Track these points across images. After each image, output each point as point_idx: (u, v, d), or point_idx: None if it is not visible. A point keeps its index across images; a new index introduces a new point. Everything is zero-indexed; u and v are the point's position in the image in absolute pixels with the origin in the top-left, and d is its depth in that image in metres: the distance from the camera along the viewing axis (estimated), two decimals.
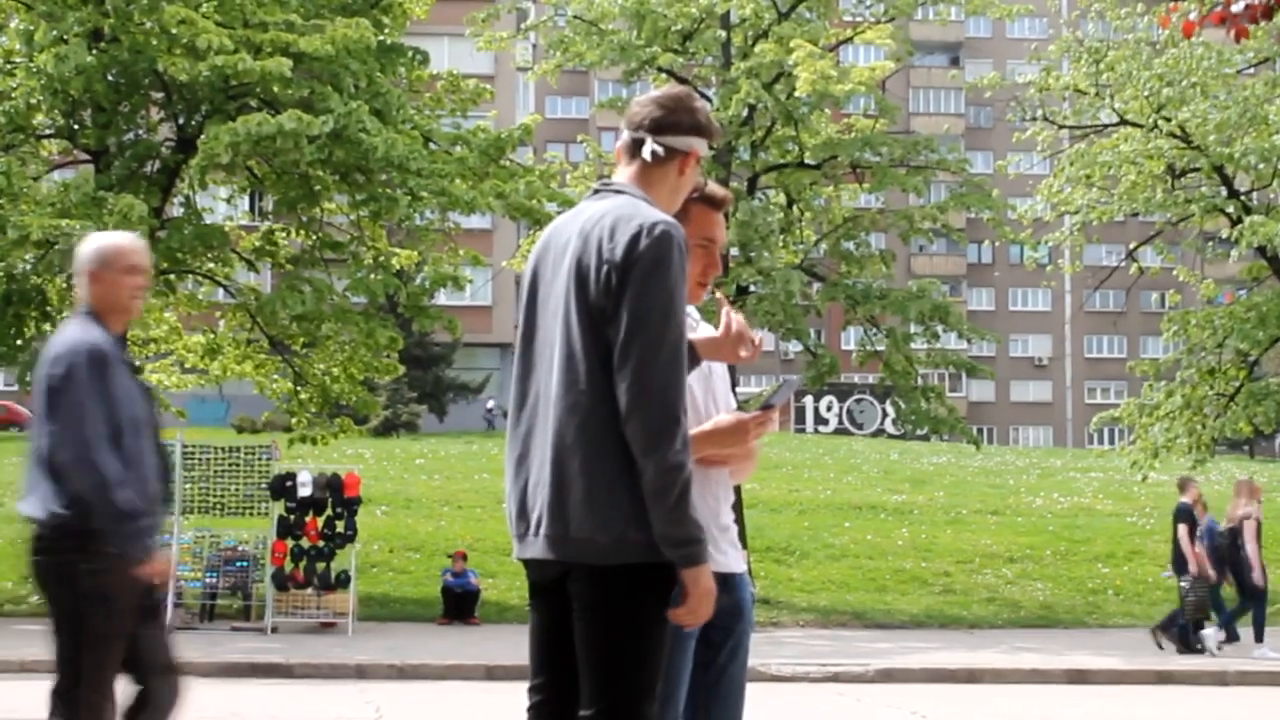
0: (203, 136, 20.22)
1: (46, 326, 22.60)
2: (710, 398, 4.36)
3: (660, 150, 4.04)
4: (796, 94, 24.77)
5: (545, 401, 3.85)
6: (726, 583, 4.27)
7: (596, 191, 4.05)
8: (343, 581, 19.53)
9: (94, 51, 20.41)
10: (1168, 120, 24.50)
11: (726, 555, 4.30)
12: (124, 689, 5.76)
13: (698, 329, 4.33)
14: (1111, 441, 38.25)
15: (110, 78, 21.24)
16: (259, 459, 20.03)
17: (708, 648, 4.27)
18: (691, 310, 4.36)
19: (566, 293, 3.84)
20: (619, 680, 3.75)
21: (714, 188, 4.46)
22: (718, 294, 4.99)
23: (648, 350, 3.67)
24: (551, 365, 3.84)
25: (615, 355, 3.72)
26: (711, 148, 4.22)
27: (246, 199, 26.36)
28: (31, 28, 20.27)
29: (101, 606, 5.52)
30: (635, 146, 4.09)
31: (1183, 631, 18.30)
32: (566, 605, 3.84)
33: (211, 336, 25.00)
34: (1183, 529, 18.42)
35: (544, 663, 3.97)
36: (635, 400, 3.66)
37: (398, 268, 23.75)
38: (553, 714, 3.95)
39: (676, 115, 4.08)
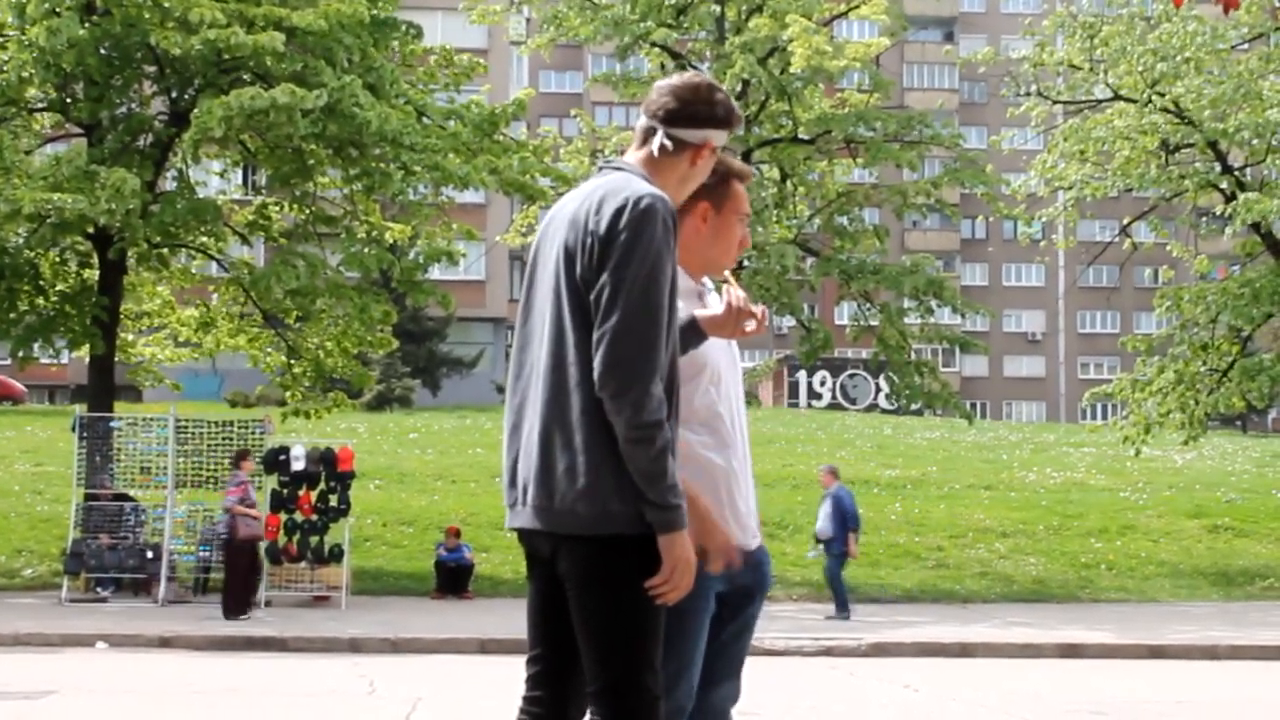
0: (195, 110, 20.17)
1: (39, 301, 22.58)
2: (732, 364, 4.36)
3: (669, 144, 4.02)
4: (791, 69, 24.75)
5: (538, 374, 3.86)
6: (747, 561, 4.27)
7: (600, 169, 4.05)
8: (336, 556, 19.55)
9: (86, 24, 20.34)
10: (1162, 95, 24.46)
11: (746, 536, 4.31)
12: None
13: (708, 296, 4.33)
14: (1104, 416, 38.35)
15: (103, 51, 21.17)
16: (252, 433, 20.06)
17: (714, 623, 4.28)
18: (706, 281, 4.38)
19: (557, 267, 3.86)
20: (616, 655, 3.77)
21: (740, 164, 4.45)
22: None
23: (622, 322, 3.66)
24: (543, 338, 3.86)
25: (595, 325, 3.72)
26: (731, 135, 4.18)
27: (240, 173, 26.31)
28: (24, 0, 20.19)
29: None
30: (649, 133, 4.07)
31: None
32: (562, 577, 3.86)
33: (205, 310, 24.99)
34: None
35: (541, 634, 3.98)
36: (608, 370, 3.67)
37: (391, 242, 23.72)
38: (550, 685, 3.97)
39: (693, 107, 4.04)
